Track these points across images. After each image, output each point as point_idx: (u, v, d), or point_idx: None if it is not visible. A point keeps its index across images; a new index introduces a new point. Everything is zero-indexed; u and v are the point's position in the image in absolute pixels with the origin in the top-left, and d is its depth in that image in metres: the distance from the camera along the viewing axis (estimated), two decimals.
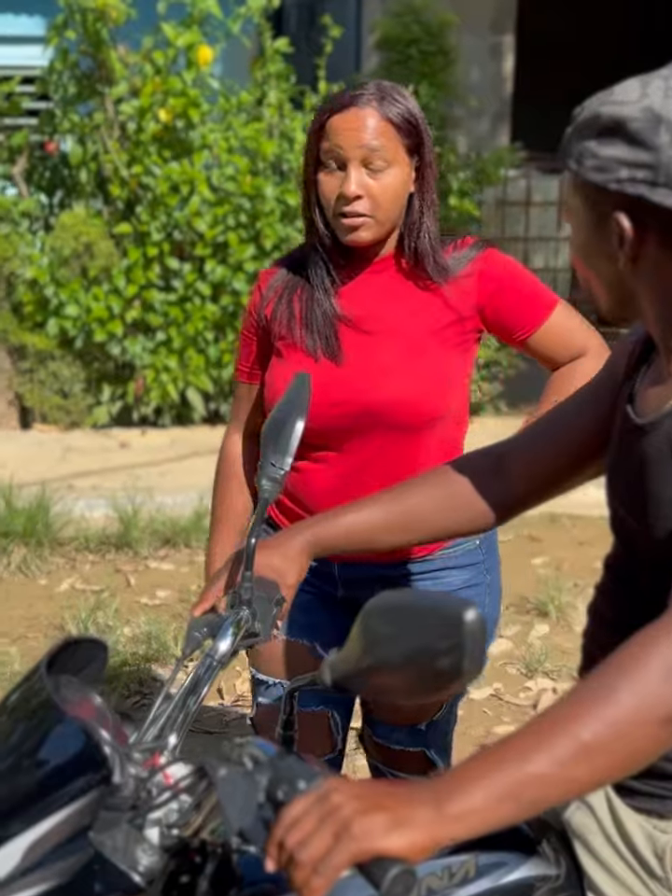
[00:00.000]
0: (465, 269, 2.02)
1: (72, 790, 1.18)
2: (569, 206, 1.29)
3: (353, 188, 1.90)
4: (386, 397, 1.97)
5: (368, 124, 1.90)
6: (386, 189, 1.92)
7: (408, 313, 2.02)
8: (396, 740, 2.17)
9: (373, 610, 1.09)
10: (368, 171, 1.91)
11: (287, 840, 1.04)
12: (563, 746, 1.05)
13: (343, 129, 1.91)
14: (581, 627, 4.11)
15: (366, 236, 1.96)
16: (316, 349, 2.01)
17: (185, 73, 5.78)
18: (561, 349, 2.10)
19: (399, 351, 1.99)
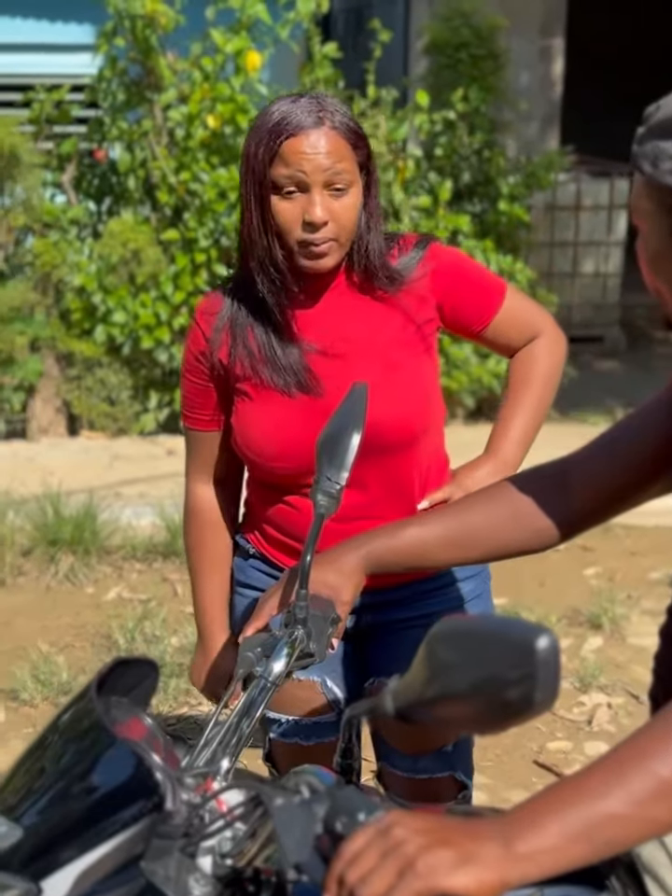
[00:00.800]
0: (416, 272, 1.95)
1: (124, 817, 1.15)
2: (640, 210, 1.23)
3: (320, 213, 1.80)
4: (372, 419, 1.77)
5: (328, 147, 1.80)
6: (347, 210, 1.83)
7: (372, 329, 1.94)
8: (422, 768, 2.05)
9: (439, 637, 1.04)
10: (330, 193, 1.82)
11: (347, 875, 0.99)
12: (640, 783, 1.00)
13: (302, 153, 1.79)
14: (635, 640, 4.07)
15: (330, 262, 1.86)
16: (290, 387, 1.90)
17: (233, 79, 5.76)
18: (516, 334, 2.06)
19: (373, 371, 1.90)
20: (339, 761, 1.30)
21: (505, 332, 2.04)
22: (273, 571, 2.05)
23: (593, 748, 3.33)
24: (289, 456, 1.90)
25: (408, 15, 8.37)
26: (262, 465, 1.94)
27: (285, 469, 1.92)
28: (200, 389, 2.00)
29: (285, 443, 1.90)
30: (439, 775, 2.05)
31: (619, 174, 7.93)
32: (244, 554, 2.10)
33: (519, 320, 2.05)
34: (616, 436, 1.51)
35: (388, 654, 2.03)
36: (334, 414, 1.57)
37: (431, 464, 2.02)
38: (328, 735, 2.03)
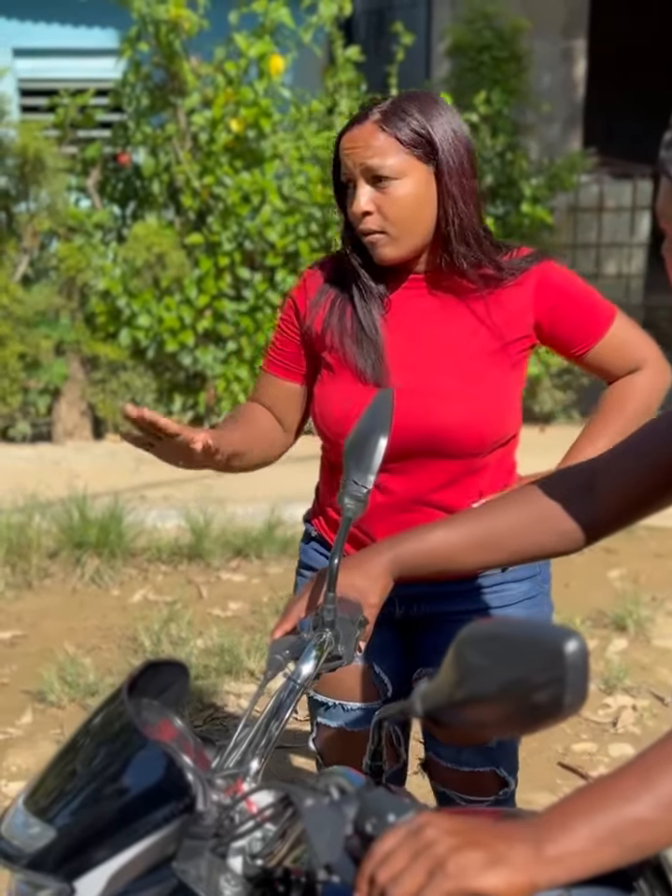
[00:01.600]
0: (517, 279, 1.94)
1: (156, 818, 1.16)
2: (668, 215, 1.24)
3: (360, 205, 1.87)
4: (445, 423, 1.89)
5: (368, 141, 1.85)
6: (396, 203, 1.86)
7: (461, 333, 1.95)
8: (465, 761, 2.08)
9: (467, 640, 1.05)
10: (375, 186, 1.87)
11: (378, 875, 1.00)
12: (667, 788, 1.00)
13: (347, 149, 1.88)
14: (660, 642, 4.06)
15: (388, 252, 1.90)
16: (365, 370, 1.94)
17: (256, 83, 5.79)
18: (619, 362, 2.02)
19: (456, 375, 1.92)
20: (368, 763, 1.31)
21: (606, 359, 2.02)
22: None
23: (617, 749, 3.33)
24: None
25: (430, 17, 8.38)
26: (330, 438, 1.99)
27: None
28: (285, 338, 2.09)
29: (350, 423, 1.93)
30: (481, 769, 2.07)
31: (641, 175, 7.91)
32: (307, 538, 2.17)
33: (622, 349, 2.02)
34: (642, 439, 1.51)
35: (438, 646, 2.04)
36: (361, 418, 1.58)
37: (497, 474, 2.02)
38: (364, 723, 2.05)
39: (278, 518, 4.86)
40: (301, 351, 2.07)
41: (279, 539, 4.78)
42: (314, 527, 2.15)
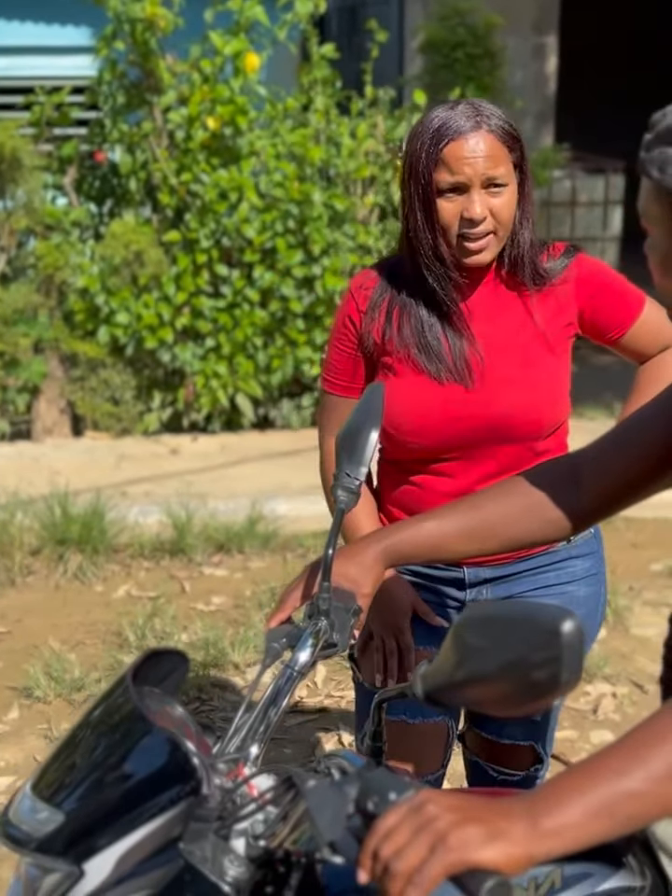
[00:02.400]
0: (561, 276, 2.06)
1: (162, 801, 1.20)
2: (649, 214, 1.28)
3: (479, 211, 1.94)
4: (507, 411, 2.01)
5: (487, 149, 1.93)
6: (505, 207, 1.96)
7: (515, 325, 2.06)
8: (508, 734, 2.17)
9: (466, 623, 1.09)
10: (488, 192, 1.95)
11: (381, 851, 1.04)
12: (658, 762, 1.05)
13: (461, 157, 1.93)
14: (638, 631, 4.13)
15: (489, 255, 2.00)
16: (440, 373, 2.02)
17: (232, 80, 5.80)
18: (652, 344, 2.16)
19: (514, 364, 2.04)
20: (368, 743, 1.35)
21: (640, 342, 2.14)
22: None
23: (598, 736, 3.39)
24: (425, 434, 2.03)
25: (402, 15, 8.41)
26: (398, 438, 2.05)
27: (417, 446, 2.05)
28: (343, 356, 2.13)
29: (423, 421, 2.03)
30: (521, 742, 2.17)
31: (613, 170, 7.98)
32: None
33: (654, 331, 2.14)
34: (626, 429, 1.56)
35: None
36: (352, 412, 1.62)
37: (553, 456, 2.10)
38: (434, 714, 2.07)
39: (259, 513, 4.90)
40: (358, 364, 2.12)
41: (261, 534, 4.82)
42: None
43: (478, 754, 2.26)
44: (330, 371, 2.17)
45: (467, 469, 2.06)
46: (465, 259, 1.99)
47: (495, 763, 2.22)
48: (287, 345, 6.02)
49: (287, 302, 5.91)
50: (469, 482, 2.06)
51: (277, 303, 5.94)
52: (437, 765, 2.13)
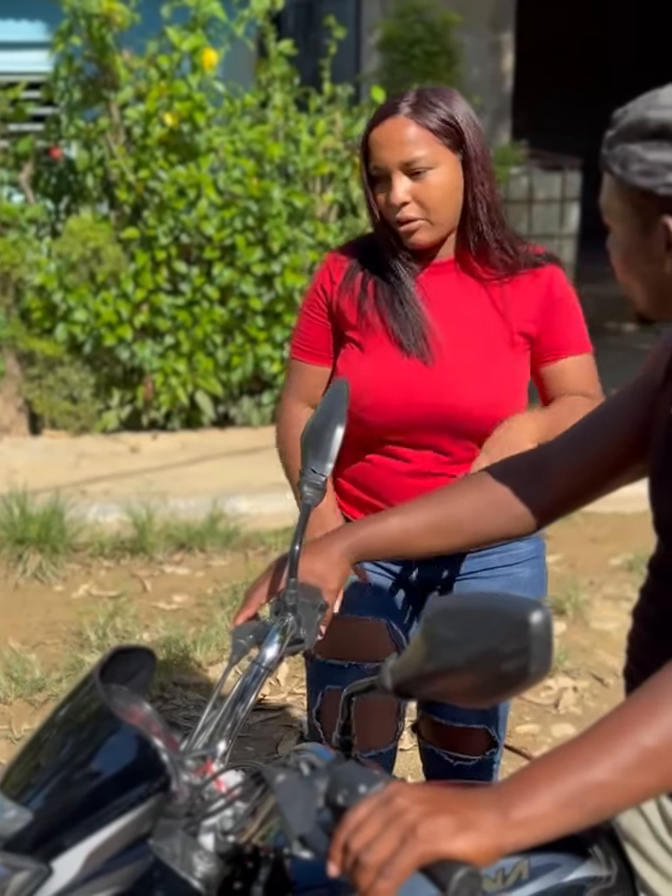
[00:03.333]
0: (532, 272, 2.07)
1: (131, 797, 1.19)
2: (611, 211, 1.29)
3: (398, 196, 1.97)
4: (463, 403, 2.03)
5: (402, 135, 1.96)
6: (431, 190, 1.98)
7: (481, 316, 2.08)
8: (461, 717, 2.19)
9: (436, 615, 1.10)
10: (410, 177, 1.98)
11: (351, 843, 1.05)
12: (625, 753, 1.06)
13: (381, 143, 1.98)
14: (598, 625, 4.16)
15: (424, 238, 2.02)
16: (410, 346, 2.05)
17: (190, 77, 5.78)
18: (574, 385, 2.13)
19: (477, 356, 2.05)
20: (338, 737, 1.35)
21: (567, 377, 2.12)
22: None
23: (560, 730, 3.41)
24: (383, 412, 2.05)
25: (359, 11, 8.42)
26: (356, 414, 2.04)
27: (374, 423, 2.07)
28: (313, 324, 2.17)
29: (382, 397, 2.05)
30: (475, 726, 2.19)
31: (570, 167, 8.03)
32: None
33: (583, 378, 2.13)
34: (590, 425, 1.57)
35: None
36: (317, 409, 1.63)
37: None
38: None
39: (220, 511, 4.89)
40: (327, 333, 2.16)
41: (222, 532, 4.81)
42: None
43: (432, 742, 2.28)
44: (299, 337, 2.21)
45: (420, 454, 2.09)
46: (406, 243, 2.03)
47: (450, 748, 2.24)
48: (247, 343, 6.01)
49: (247, 300, 5.90)
50: (420, 465, 2.09)
51: (237, 300, 5.93)
52: (388, 739, 2.15)
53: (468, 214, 2.03)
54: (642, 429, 1.45)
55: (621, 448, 1.51)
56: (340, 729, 1.35)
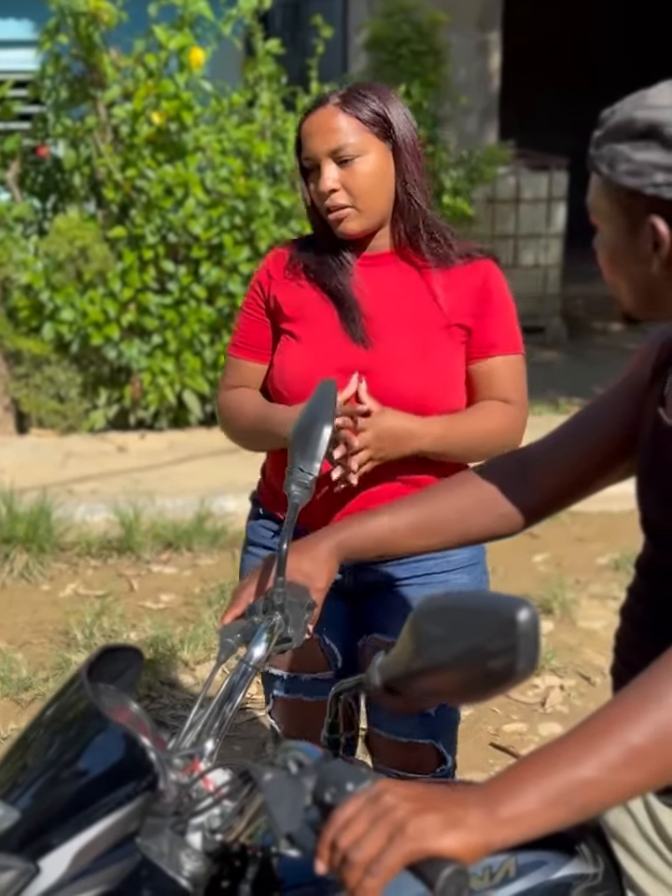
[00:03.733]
0: (467, 265, 2.07)
1: (118, 796, 1.19)
2: (598, 210, 1.30)
3: (327, 183, 1.99)
4: (402, 392, 2.02)
5: (330, 123, 1.99)
6: (359, 178, 1.99)
7: (418, 308, 2.07)
8: (405, 732, 2.15)
9: (424, 613, 1.10)
10: (339, 165, 1.99)
11: (339, 841, 1.05)
12: (612, 751, 1.07)
13: (310, 133, 2.01)
14: (585, 623, 4.17)
15: (353, 226, 2.03)
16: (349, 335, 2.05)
17: (177, 75, 5.78)
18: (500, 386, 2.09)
19: (413, 343, 2.05)
20: (326, 735, 1.36)
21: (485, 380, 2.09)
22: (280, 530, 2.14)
23: (546, 729, 3.42)
24: None
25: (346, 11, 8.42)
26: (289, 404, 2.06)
27: None
28: (251, 320, 2.18)
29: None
30: (419, 741, 2.14)
31: (557, 166, 8.05)
32: (255, 515, 2.25)
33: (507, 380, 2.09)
34: (577, 424, 1.57)
35: (384, 610, 2.14)
36: (305, 408, 1.63)
37: None
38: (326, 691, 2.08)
39: (208, 510, 4.89)
40: (266, 330, 2.16)
41: (209, 531, 4.80)
42: (261, 505, 2.23)
43: (381, 759, 2.23)
44: (237, 335, 2.22)
45: None
46: (336, 231, 2.04)
47: (398, 766, 2.17)
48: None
49: (234, 299, 5.90)
50: None
51: (224, 300, 5.93)
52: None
53: (399, 204, 2.05)
54: (629, 429, 1.46)
55: (608, 448, 1.51)
56: (327, 727, 1.35)
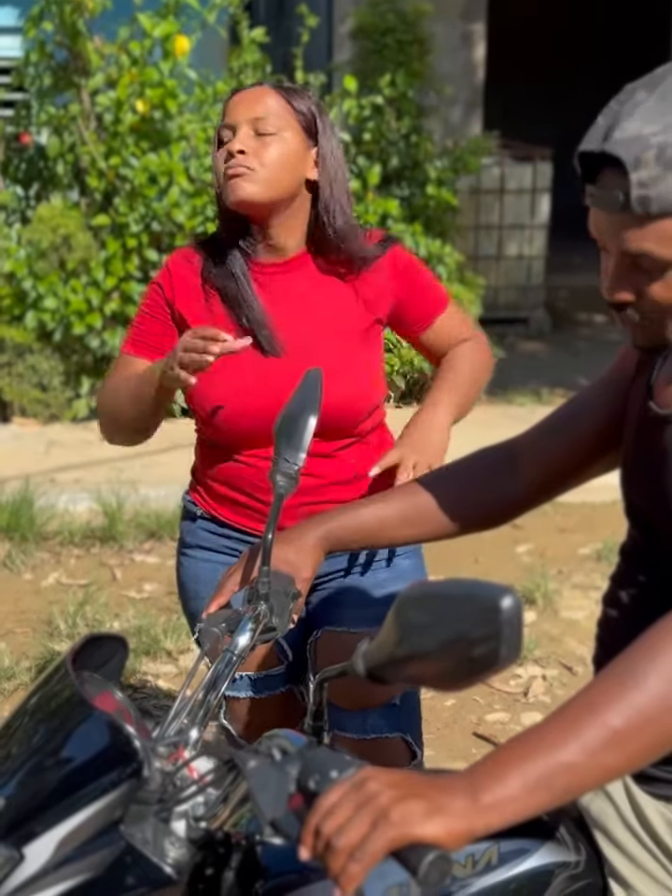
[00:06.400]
0: (377, 263, 2.07)
1: (103, 783, 1.20)
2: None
3: (237, 145, 1.95)
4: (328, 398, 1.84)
5: (259, 97, 1.99)
6: (271, 150, 1.97)
7: (334, 313, 2.06)
8: (371, 728, 2.09)
9: (408, 600, 1.11)
10: (255, 134, 1.97)
11: (323, 827, 1.05)
12: (592, 733, 1.08)
13: (236, 103, 1.99)
14: (567, 613, 4.19)
15: (248, 188, 1.95)
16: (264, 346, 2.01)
17: (161, 63, 5.75)
18: (450, 342, 2.18)
19: (334, 352, 2.03)
20: (310, 723, 1.36)
21: (440, 339, 2.17)
22: (221, 530, 2.15)
23: (529, 718, 3.43)
24: (245, 415, 2.01)
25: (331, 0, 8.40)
26: (219, 424, 2.04)
27: (238, 429, 2.03)
28: (155, 322, 2.10)
29: (244, 401, 2.01)
30: (388, 735, 2.11)
31: (541, 157, 8.05)
32: (191, 516, 2.21)
33: (454, 330, 2.18)
34: (562, 416, 1.58)
35: (333, 603, 2.14)
36: (291, 398, 1.63)
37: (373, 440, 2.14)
38: (277, 686, 2.15)
39: None
40: (169, 332, 2.09)
41: None
42: (198, 507, 2.19)
43: None
44: (135, 332, 2.14)
45: None
46: (228, 198, 1.97)
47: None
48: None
49: None
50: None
51: None
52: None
53: (321, 207, 2.03)
54: (614, 421, 1.47)
55: (592, 440, 1.52)
56: (311, 715, 1.36)
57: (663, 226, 1.18)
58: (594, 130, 1.20)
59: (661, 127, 1.15)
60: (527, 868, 1.34)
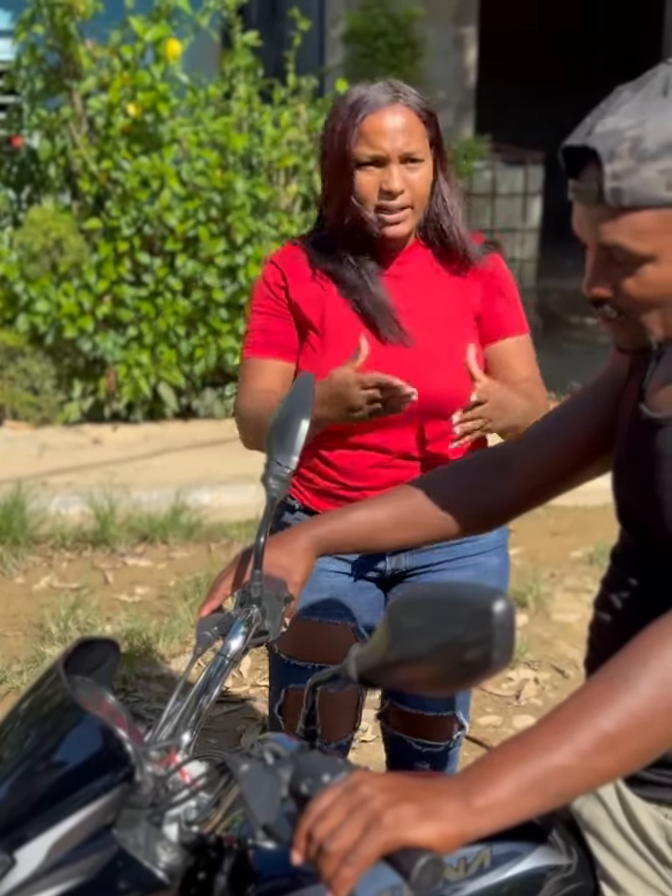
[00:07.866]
0: (480, 263, 2.14)
1: (94, 788, 1.20)
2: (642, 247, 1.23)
3: (398, 185, 2.00)
4: (436, 387, 2.04)
5: (405, 126, 2.01)
6: (422, 181, 2.04)
7: (444, 303, 2.13)
8: (432, 707, 2.22)
9: (400, 604, 1.11)
10: (406, 166, 2.02)
11: (315, 831, 1.05)
12: (584, 737, 1.08)
13: (381, 130, 2.00)
14: (559, 616, 4.19)
15: (405, 229, 2.06)
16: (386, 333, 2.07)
17: (153, 67, 5.75)
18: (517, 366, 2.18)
19: (444, 340, 2.10)
20: (302, 727, 1.36)
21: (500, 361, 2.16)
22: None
23: (521, 721, 3.44)
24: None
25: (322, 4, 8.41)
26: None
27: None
28: (275, 320, 2.15)
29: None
30: (444, 713, 2.24)
31: (532, 161, 8.07)
32: (289, 509, 2.23)
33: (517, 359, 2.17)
34: (555, 419, 1.58)
35: None
36: (283, 402, 1.63)
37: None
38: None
39: (183, 503, 4.88)
40: (285, 326, 2.15)
41: (184, 524, 4.80)
42: (295, 500, 2.22)
43: (401, 730, 2.29)
44: (257, 334, 2.17)
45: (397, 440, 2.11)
46: (383, 231, 2.05)
47: (420, 736, 2.26)
48: (210, 335, 5.99)
49: (210, 291, 5.89)
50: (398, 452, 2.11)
51: (200, 292, 5.92)
52: (348, 730, 2.23)
53: (440, 207, 2.10)
54: (606, 425, 1.47)
55: (585, 443, 1.52)
56: (304, 719, 1.35)
57: (635, 219, 1.18)
58: (580, 127, 1.21)
59: (637, 121, 1.16)
60: (519, 871, 1.34)
